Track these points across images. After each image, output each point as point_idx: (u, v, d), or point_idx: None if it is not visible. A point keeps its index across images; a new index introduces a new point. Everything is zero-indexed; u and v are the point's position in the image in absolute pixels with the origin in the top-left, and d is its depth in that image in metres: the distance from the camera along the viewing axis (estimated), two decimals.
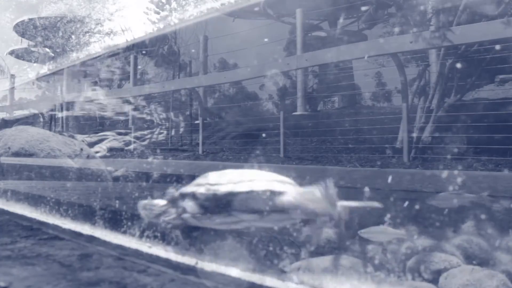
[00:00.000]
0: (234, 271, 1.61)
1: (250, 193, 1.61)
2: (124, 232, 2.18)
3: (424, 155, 7.09)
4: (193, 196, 1.73)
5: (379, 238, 2.16)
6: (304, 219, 1.64)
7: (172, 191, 1.84)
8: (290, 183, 1.75)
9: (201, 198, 1.69)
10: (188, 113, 12.23)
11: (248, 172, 1.79)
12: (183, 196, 1.77)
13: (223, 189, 1.66)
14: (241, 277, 1.55)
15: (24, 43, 15.30)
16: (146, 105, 11.92)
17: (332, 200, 1.63)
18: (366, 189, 1.84)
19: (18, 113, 14.72)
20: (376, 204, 1.78)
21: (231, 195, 1.63)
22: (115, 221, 2.31)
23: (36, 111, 13.68)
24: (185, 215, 1.75)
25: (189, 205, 1.71)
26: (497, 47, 6.84)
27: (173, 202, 1.78)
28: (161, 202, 1.88)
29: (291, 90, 11.53)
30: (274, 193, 1.62)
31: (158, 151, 10.52)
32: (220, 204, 1.64)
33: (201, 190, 1.72)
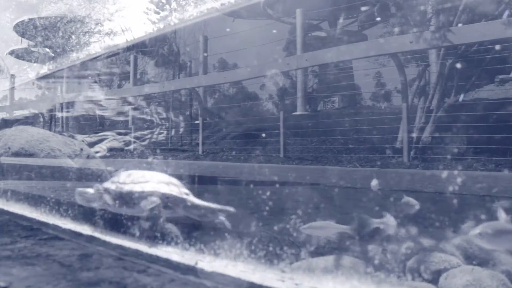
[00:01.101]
0: (234, 271, 1.61)
1: (141, 193, 2.20)
2: (124, 233, 2.18)
3: (424, 155, 7.09)
4: (108, 191, 2.30)
5: (321, 233, 2.15)
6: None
7: (98, 185, 2.36)
8: (176, 184, 2.32)
9: (112, 194, 2.27)
10: (188, 113, 12.23)
11: (148, 173, 2.35)
12: (104, 189, 2.32)
13: (126, 188, 2.24)
14: (241, 277, 1.55)
15: (24, 43, 15.31)
16: (146, 105, 11.93)
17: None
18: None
19: (18, 113, 14.72)
20: (231, 209, 2.24)
21: (130, 193, 2.21)
22: (115, 221, 2.32)
23: (36, 111, 13.68)
24: (106, 204, 2.32)
25: (107, 198, 2.29)
26: (497, 47, 6.85)
27: (98, 193, 2.35)
28: (91, 190, 2.40)
29: (291, 90, 11.53)
30: (158, 193, 2.21)
31: (158, 151, 10.52)
32: (124, 198, 2.23)
33: (112, 187, 2.29)
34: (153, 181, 2.27)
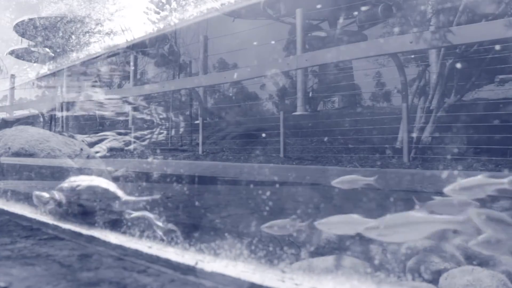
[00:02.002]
0: (234, 271, 1.61)
1: (88, 186, 2.88)
2: (124, 232, 2.18)
3: (424, 155, 7.09)
4: (62, 189, 2.94)
5: (280, 232, 2.17)
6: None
7: (53, 191, 2.94)
8: (113, 185, 3.01)
9: (65, 190, 2.90)
10: (188, 113, 12.22)
11: (94, 177, 3.14)
12: (58, 188, 2.94)
13: (76, 184, 2.92)
14: (241, 277, 1.55)
15: (24, 43, 15.30)
16: (146, 105, 11.92)
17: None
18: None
19: (18, 113, 14.71)
20: (156, 196, 2.81)
21: (79, 188, 2.88)
22: (115, 221, 2.31)
23: (36, 111, 13.67)
24: (56, 204, 2.87)
25: (59, 195, 2.87)
26: (497, 47, 6.84)
27: (52, 196, 2.90)
28: (46, 194, 2.96)
29: (291, 90, 11.53)
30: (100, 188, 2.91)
31: (158, 151, 10.52)
32: (74, 192, 2.87)
33: (66, 185, 2.95)
34: (96, 181, 3.04)
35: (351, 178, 2.49)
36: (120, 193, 2.90)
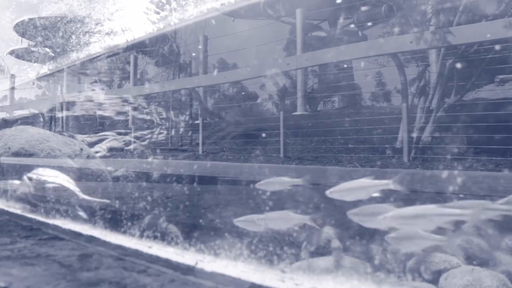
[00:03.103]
0: (234, 271, 1.61)
1: (52, 182, 3.44)
2: (124, 232, 2.18)
3: (424, 155, 7.09)
4: (31, 178, 3.51)
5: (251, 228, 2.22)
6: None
7: (23, 178, 3.52)
8: (72, 183, 3.68)
9: (33, 180, 3.45)
10: (188, 113, 12.22)
11: (58, 172, 3.76)
12: (27, 177, 3.51)
13: (43, 178, 3.47)
14: (241, 277, 1.54)
15: (24, 43, 15.30)
16: (146, 105, 11.92)
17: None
18: None
19: (18, 113, 14.71)
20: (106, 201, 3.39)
21: (46, 181, 3.45)
22: (115, 221, 2.31)
23: (36, 111, 13.67)
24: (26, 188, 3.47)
25: (27, 181, 3.48)
26: (497, 47, 6.84)
27: (22, 182, 3.52)
28: (16, 182, 3.62)
29: (291, 90, 11.53)
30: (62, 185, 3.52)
31: (158, 151, 10.52)
32: (39, 183, 3.44)
33: (34, 176, 3.50)
34: (60, 177, 3.62)
35: (277, 180, 2.46)
36: (77, 190, 3.57)
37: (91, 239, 2.15)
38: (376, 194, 1.95)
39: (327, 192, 2.07)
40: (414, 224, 1.71)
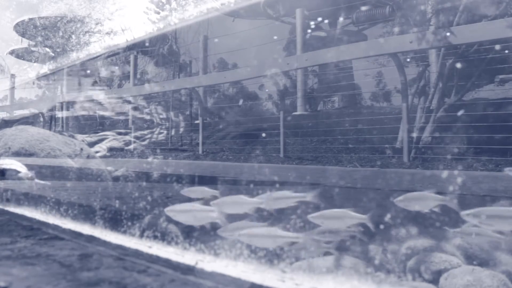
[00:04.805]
0: (235, 271, 1.61)
1: (9, 169, 4.53)
2: (125, 232, 2.18)
3: (424, 155, 7.09)
4: None
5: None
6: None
7: None
8: (21, 166, 4.68)
9: None
10: (188, 113, 12.22)
11: (15, 161, 4.76)
12: None
13: (3, 166, 4.53)
14: (241, 277, 1.54)
15: (25, 43, 15.31)
16: (146, 105, 11.92)
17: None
18: None
19: (18, 113, 14.72)
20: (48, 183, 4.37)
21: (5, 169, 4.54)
22: (115, 221, 2.32)
23: (36, 111, 13.67)
24: None
25: None
26: (497, 47, 6.84)
27: None
28: None
29: (291, 90, 11.53)
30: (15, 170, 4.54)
31: (158, 151, 10.52)
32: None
33: None
34: (15, 165, 4.60)
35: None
36: (22, 170, 4.56)
37: (91, 238, 2.15)
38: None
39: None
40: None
